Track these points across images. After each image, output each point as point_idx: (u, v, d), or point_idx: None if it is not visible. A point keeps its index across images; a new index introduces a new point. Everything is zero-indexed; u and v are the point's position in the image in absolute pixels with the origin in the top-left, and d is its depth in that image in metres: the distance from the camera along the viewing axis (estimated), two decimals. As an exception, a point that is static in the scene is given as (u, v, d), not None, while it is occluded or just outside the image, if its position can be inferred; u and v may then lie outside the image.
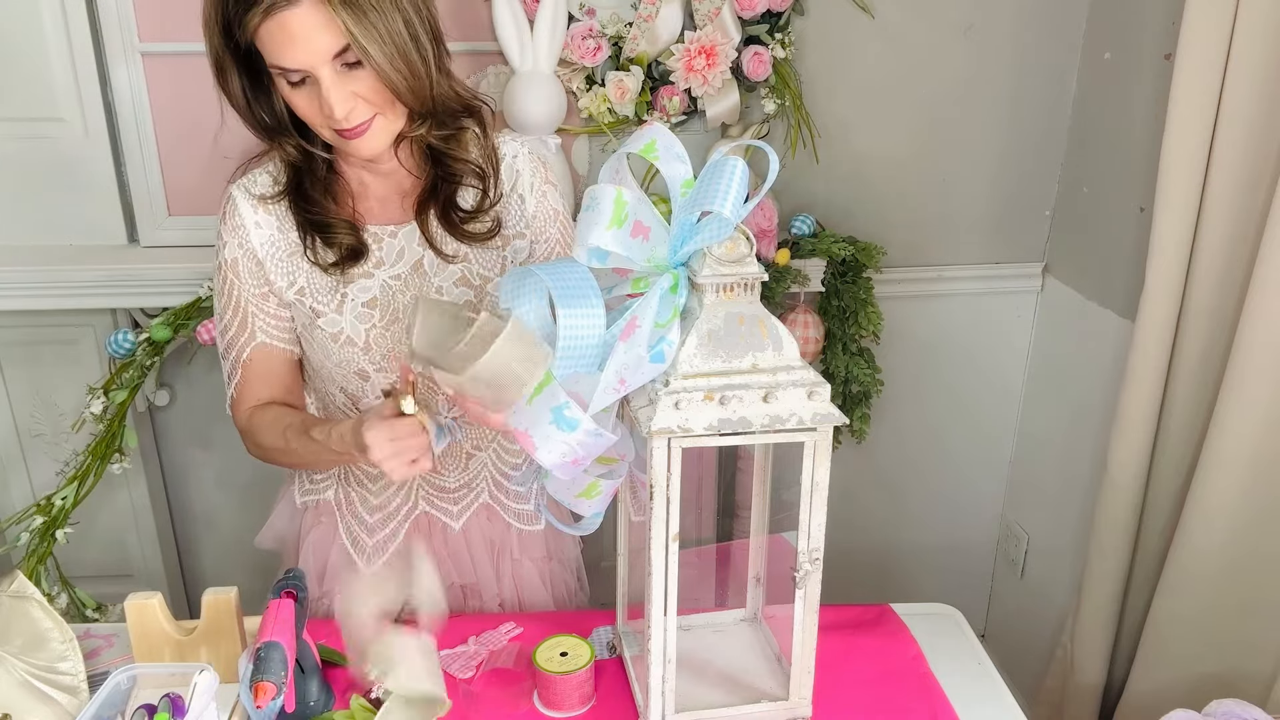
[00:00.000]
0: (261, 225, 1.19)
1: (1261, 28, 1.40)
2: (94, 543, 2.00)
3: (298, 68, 1.04)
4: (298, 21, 1.00)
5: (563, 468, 0.94)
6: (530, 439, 0.92)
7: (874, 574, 2.30)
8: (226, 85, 1.11)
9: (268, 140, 1.17)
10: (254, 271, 1.20)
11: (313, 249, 1.18)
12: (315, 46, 1.02)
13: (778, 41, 1.79)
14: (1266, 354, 1.42)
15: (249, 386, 1.24)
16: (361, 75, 1.05)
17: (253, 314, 1.21)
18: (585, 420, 0.90)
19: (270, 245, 1.19)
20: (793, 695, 1.07)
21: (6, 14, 1.71)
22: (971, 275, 2.09)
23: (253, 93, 1.12)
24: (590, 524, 1.08)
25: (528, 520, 1.36)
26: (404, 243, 1.20)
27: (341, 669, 1.16)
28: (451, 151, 1.18)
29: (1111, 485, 1.71)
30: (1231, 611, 1.56)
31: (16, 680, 1.04)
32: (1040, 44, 1.93)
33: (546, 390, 0.91)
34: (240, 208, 1.19)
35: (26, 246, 1.85)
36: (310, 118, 1.09)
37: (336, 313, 1.20)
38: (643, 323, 0.91)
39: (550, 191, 1.26)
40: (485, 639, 1.22)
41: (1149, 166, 1.61)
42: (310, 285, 1.20)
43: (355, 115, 1.07)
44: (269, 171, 1.20)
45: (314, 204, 1.17)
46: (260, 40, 1.03)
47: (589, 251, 0.94)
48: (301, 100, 1.07)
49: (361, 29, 1.01)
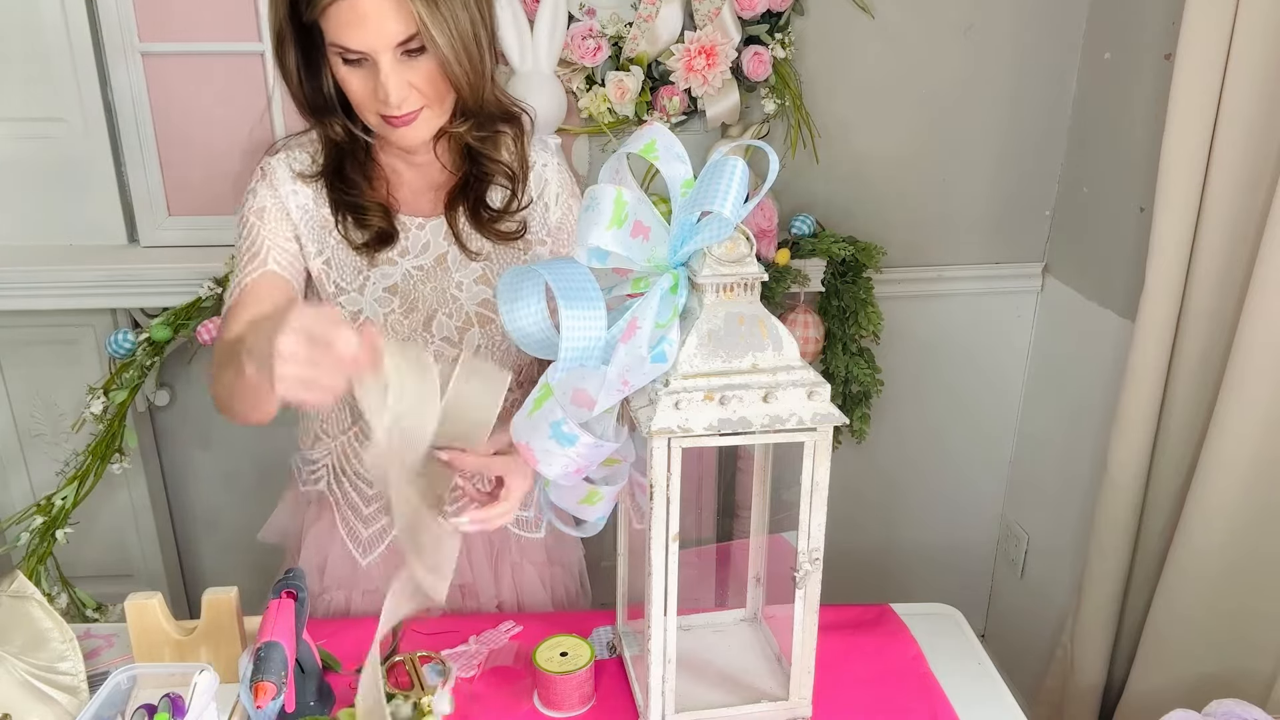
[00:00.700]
0: (298, 193, 1.19)
1: (1261, 28, 1.40)
2: (94, 543, 2.00)
3: (361, 49, 1.04)
4: (371, 5, 1.02)
5: (566, 478, 0.95)
6: (532, 452, 0.93)
7: (874, 574, 2.29)
8: (283, 59, 1.12)
9: (313, 119, 1.17)
10: (281, 220, 1.19)
11: (344, 226, 1.19)
12: (384, 30, 1.03)
13: (778, 41, 1.79)
14: (1266, 354, 1.42)
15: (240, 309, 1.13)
16: (419, 65, 1.07)
17: (269, 247, 1.18)
18: (583, 434, 0.91)
19: (303, 212, 1.19)
20: (793, 695, 1.07)
21: (6, 14, 1.71)
22: (971, 275, 2.09)
23: (305, 70, 1.13)
24: (594, 527, 1.08)
25: (527, 527, 1.36)
26: (430, 236, 1.22)
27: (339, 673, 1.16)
28: (487, 151, 1.20)
29: (1111, 485, 1.71)
30: (1231, 611, 1.56)
31: (16, 680, 1.04)
32: (1040, 44, 1.93)
33: (545, 405, 0.91)
34: (278, 174, 1.19)
35: (26, 246, 1.85)
36: (361, 100, 1.10)
37: (358, 293, 1.21)
38: (643, 324, 0.91)
39: (575, 205, 1.27)
40: (486, 638, 1.22)
41: (1149, 166, 1.61)
42: (336, 260, 1.20)
43: (408, 104, 1.08)
44: (308, 151, 1.21)
45: (352, 185, 1.18)
46: (328, 17, 1.04)
47: (589, 251, 0.94)
48: (356, 81, 1.08)
49: (433, 18, 1.03)
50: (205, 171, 1.81)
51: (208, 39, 1.74)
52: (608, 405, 0.93)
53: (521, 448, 0.93)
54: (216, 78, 1.76)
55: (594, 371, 0.92)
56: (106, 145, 1.81)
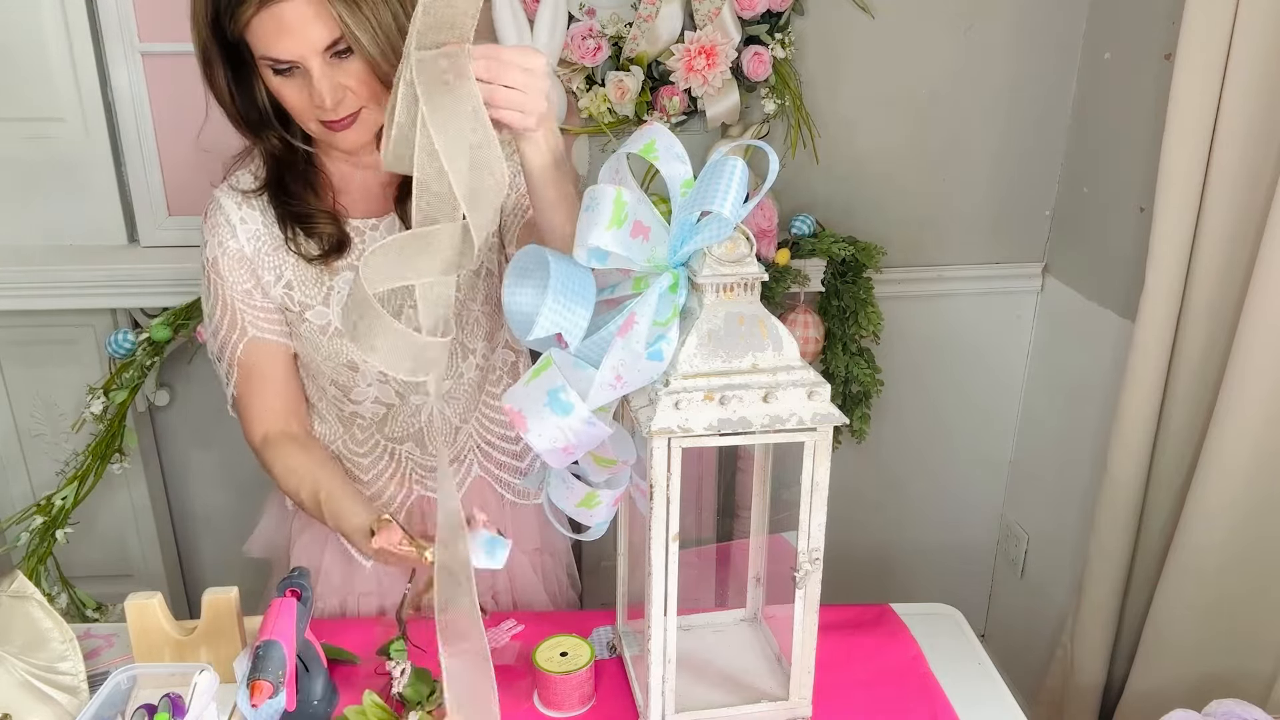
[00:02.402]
0: (247, 221, 1.20)
1: (1261, 28, 1.40)
2: (94, 543, 2.00)
3: (289, 58, 1.04)
4: (293, 13, 1.01)
5: (554, 454, 0.94)
6: (523, 418, 0.92)
7: (874, 574, 2.30)
8: (212, 77, 1.12)
9: (249, 134, 1.17)
10: (235, 269, 1.20)
11: (294, 240, 1.19)
12: (308, 37, 1.03)
13: (778, 41, 1.79)
14: (1266, 354, 1.42)
15: (251, 388, 1.24)
16: (349, 66, 1.06)
17: (240, 309, 1.21)
18: (580, 406, 0.90)
19: (256, 240, 1.20)
20: (793, 695, 1.07)
21: (6, 14, 1.71)
22: (971, 275, 2.09)
23: (236, 86, 1.13)
24: (595, 531, 1.08)
25: (522, 494, 1.37)
26: (385, 234, 1.22)
27: (348, 666, 1.16)
28: None
29: (1111, 485, 1.71)
30: (1231, 611, 1.56)
31: (16, 680, 1.04)
32: (1040, 44, 1.93)
33: (545, 373, 0.91)
34: (224, 206, 1.20)
35: (26, 246, 1.85)
36: (299, 108, 1.10)
37: (323, 304, 1.21)
38: (640, 319, 0.91)
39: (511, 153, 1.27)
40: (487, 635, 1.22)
41: (1149, 166, 1.61)
42: (297, 278, 1.21)
43: (344, 106, 1.08)
44: (250, 170, 1.22)
45: (294, 197, 1.18)
46: (252, 31, 1.04)
47: (589, 252, 0.94)
48: (290, 91, 1.08)
49: (355, 20, 1.02)
50: (205, 171, 1.81)
51: (208, 39, 1.74)
52: (600, 403, 0.92)
53: (513, 413, 0.93)
54: (216, 78, 1.76)
55: (585, 371, 0.92)
56: (106, 145, 1.81)
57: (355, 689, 1.11)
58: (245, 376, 1.23)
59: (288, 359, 1.26)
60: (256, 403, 1.24)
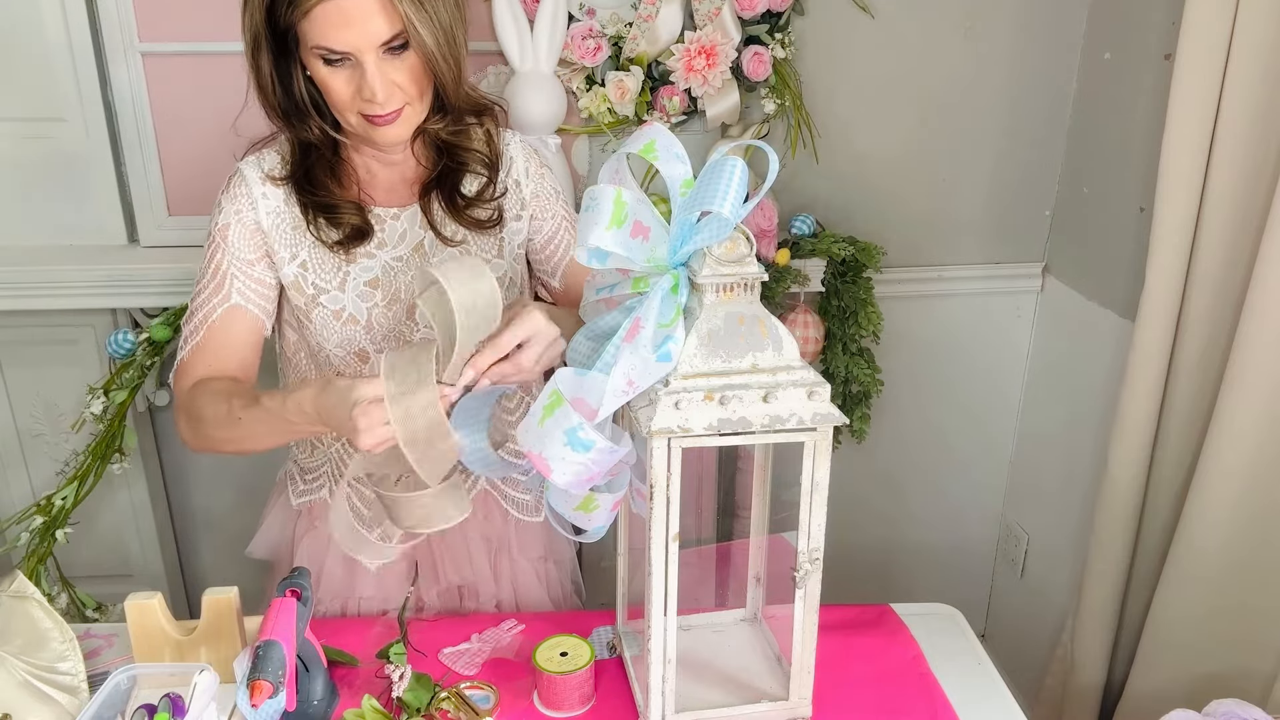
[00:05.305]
0: (269, 196, 1.19)
1: (1261, 28, 1.40)
2: (94, 543, 2.00)
3: (346, 50, 1.05)
4: (357, 6, 1.02)
5: (577, 484, 0.95)
6: (544, 461, 0.92)
7: (874, 574, 2.29)
8: (259, 63, 1.12)
9: (282, 122, 1.17)
10: (245, 239, 1.19)
11: (315, 226, 1.19)
12: (368, 30, 1.03)
13: (778, 41, 1.79)
14: (1266, 354, 1.42)
15: (203, 354, 1.18)
16: (402, 62, 1.07)
17: (232, 276, 1.19)
18: (599, 439, 0.90)
19: (276, 216, 1.20)
20: (793, 695, 1.07)
21: (6, 14, 1.71)
22: (971, 275, 2.09)
23: (277, 74, 1.13)
24: (595, 534, 1.07)
25: (526, 510, 1.37)
26: (406, 225, 1.22)
27: (347, 668, 1.16)
28: (461, 143, 1.21)
29: (1111, 485, 1.71)
30: (1231, 611, 1.56)
31: (16, 680, 1.04)
32: (1040, 44, 1.93)
33: (558, 412, 0.91)
34: (248, 178, 1.19)
35: (26, 246, 1.85)
36: (342, 100, 1.10)
37: (339, 290, 1.21)
38: (646, 324, 0.91)
39: (547, 174, 1.29)
40: (488, 636, 1.22)
41: (1149, 166, 1.61)
42: (313, 260, 1.21)
43: (392, 101, 1.09)
44: (278, 152, 1.21)
45: (320, 187, 1.18)
46: (312, 20, 1.04)
47: (589, 252, 0.94)
48: (338, 82, 1.08)
49: (420, 16, 1.04)
50: (205, 171, 1.81)
51: (208, 39, 1.74)
52: (613, 409, 0.92)
53: (532, 456, 0.93)
54: (216, 78, 1.76)
55: (592, 380, 0.92)
56: (106, 145, 1.80)
57: (354, 691, 1.11)
58: (205, 344, 1.18)
59: (257, 335, 1.22)
60: (209, 362, 1.18)
